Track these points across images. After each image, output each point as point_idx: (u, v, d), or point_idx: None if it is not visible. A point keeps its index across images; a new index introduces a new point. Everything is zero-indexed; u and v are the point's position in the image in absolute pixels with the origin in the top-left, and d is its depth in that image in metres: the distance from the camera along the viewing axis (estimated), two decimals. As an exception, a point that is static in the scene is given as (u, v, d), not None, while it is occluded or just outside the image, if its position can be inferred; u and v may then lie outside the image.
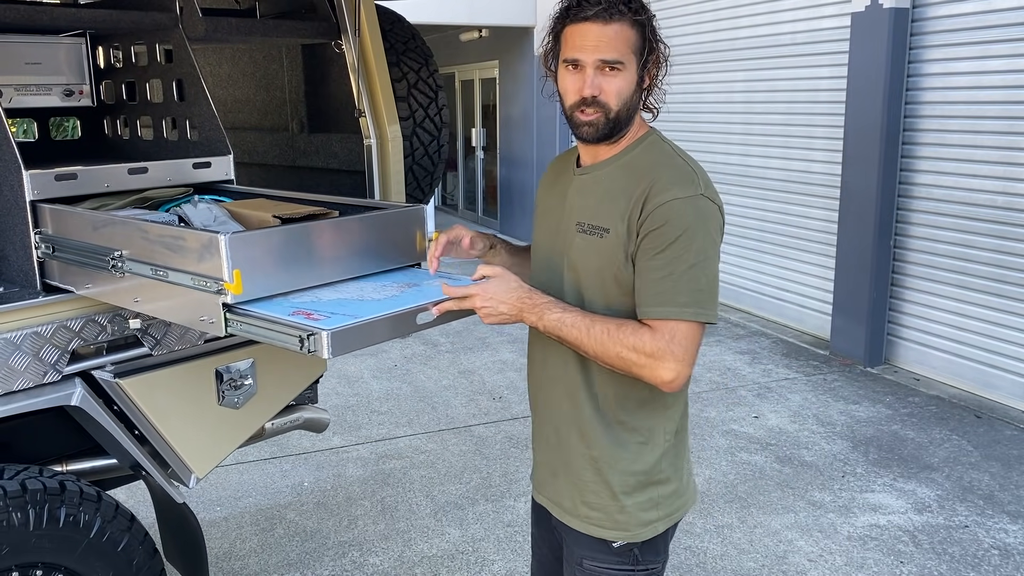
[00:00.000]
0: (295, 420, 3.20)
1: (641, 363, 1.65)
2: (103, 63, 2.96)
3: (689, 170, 1.76)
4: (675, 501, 1.93)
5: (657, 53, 1.78)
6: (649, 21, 1.75)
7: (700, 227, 1.69)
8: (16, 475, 2.22)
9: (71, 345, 2.25)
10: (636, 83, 1.76)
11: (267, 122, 3.45)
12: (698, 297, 1.67)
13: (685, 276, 1.67)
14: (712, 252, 1.71)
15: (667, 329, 1.66)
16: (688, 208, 1.68)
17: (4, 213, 2.27)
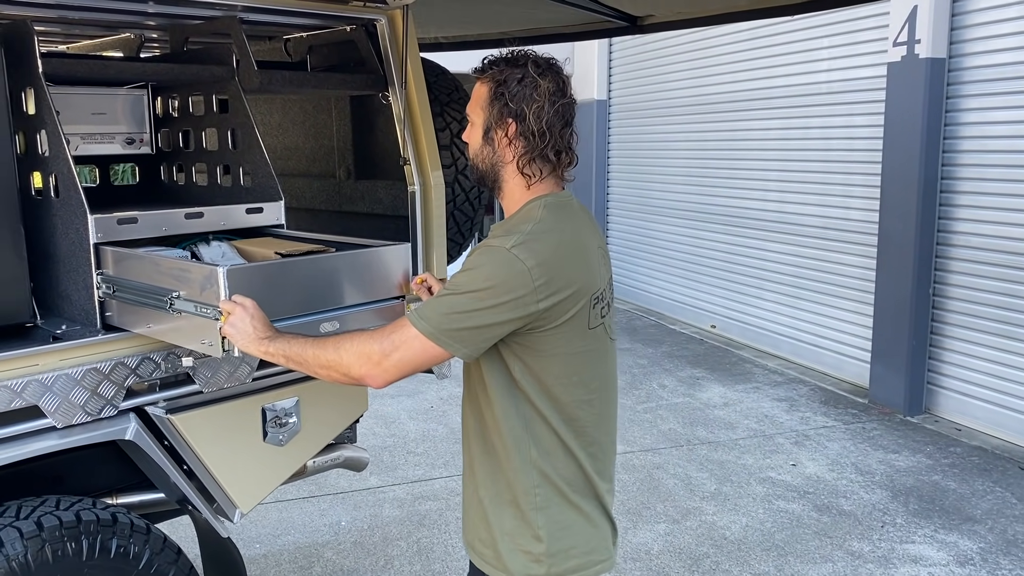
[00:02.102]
0: (336, 459, 3.26)
1: (342, 366, 1.83)
2: (162, 112, 3.11)
3: (518, 231, 1.80)
4: (564, 562, 1.92)
5: (508, 114, 1.84)
6: (503, 80, 1.84)
7: (480, 268, 1.78)
8: (71, 506, 2.31)
9: (127, 381, 2.35)
10: (483, 138, 1.89)
11: (315, 169, 3.57)
12: (439, 318, 1.77)
13: (444, 298, 1.79)
14: (481, 293, 1.74)
15: (395, 327, 1.81)
16: (486, 254, 1.80)
17: (69, 255, 2.39)
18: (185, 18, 2.90)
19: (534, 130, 1.83)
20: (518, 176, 1.90)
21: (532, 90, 1.82)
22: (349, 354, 1.83)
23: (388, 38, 3.00)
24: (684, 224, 9.38)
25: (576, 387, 1.90)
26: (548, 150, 1.85)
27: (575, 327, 1.85)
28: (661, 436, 5.78)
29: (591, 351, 1.90)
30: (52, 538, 2.21)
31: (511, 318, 1.77)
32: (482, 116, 1.88)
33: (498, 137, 1.87)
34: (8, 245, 2.29)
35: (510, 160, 1.89)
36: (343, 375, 1.85)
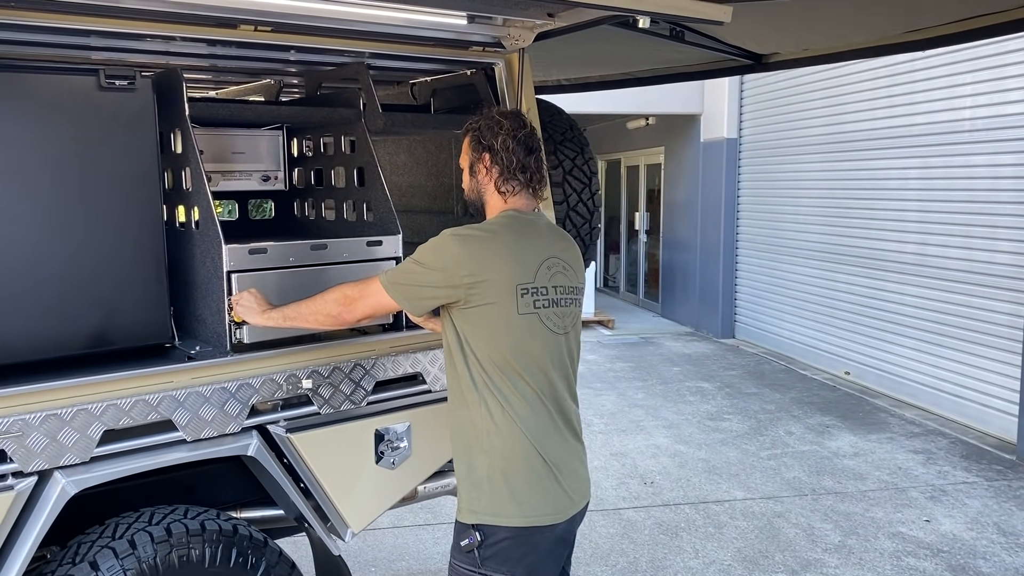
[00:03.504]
0: (446, 486, 3.34)
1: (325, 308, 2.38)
2: (297, 152, 3.33)
3: (470, 227, 2.33)
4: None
5: (481, 151, 2.37)
6: (475, 128, 2.40)
7: (431, 245, 2.30)
8: (197, 516, 2.49)
9: (251, 400, 2.52)
10: (469, 176, 2.44)
11: (436, 206, 3.72)
12: (394, 275, 2.33)
13: (403, 262, 2.38)
14: (423, 262, 2.28)
15: (364, 280, 2.40)
16: (439, 237, 2.30)
17: (206, 281, 2.59)
18: (318, 64, 3.12)
19: (502, 156, 2.33)
20: (496, 195, 2.39)
21: (497, 127, 2.35)
22: (330, 297, 2.38)
23: (505, 80, 3.12)
24: (817, 265, 9.07)
25: (501, 361, 2.27)
26: (516, 171, 2.34)
27: (501, 309, 2.25)
28: (784, 484, 5.57)
29: (518, 332, 2.27)
30: (179, 544, 2.38)
31: (441, 286, 2.25)
32: (466, 159, 2.43)
33: (479, 169, 2.40)
34: (153, 272, 2.52)
35: (489, 183, 2.39)
36: (326, 316, 2.38)
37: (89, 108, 2.37)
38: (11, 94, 2.23)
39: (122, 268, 2.45)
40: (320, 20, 2.60)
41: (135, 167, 2.46)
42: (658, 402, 7.60)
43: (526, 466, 2.29)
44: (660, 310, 12.62)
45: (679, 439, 6.51)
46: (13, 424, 2.12)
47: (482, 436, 2.30)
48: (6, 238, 2.24)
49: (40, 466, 2.18)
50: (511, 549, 2.28)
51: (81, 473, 2.25)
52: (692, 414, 7.21)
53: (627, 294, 14.28)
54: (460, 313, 2.29)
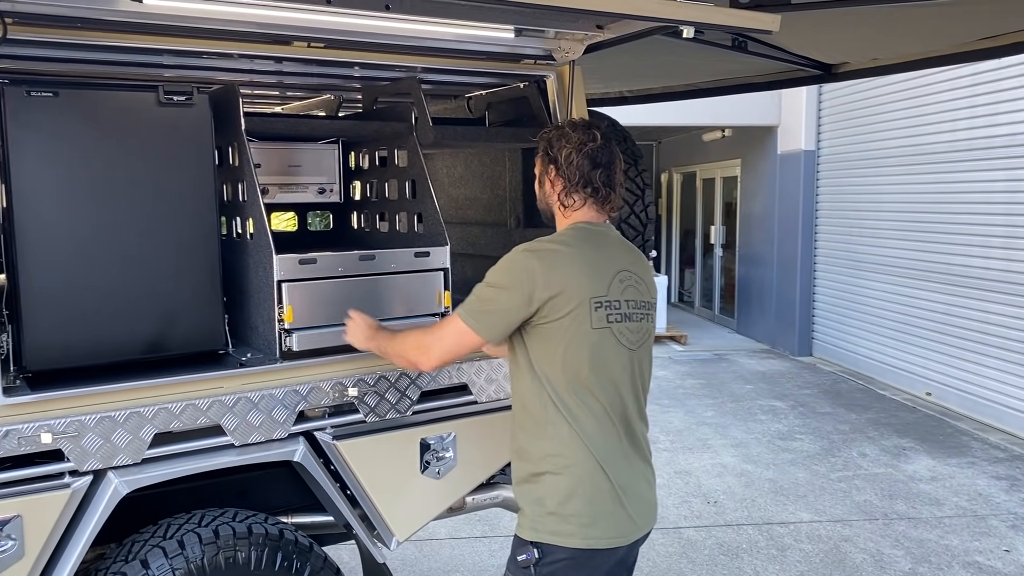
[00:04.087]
0: (495, 498, 3.35)
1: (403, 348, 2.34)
2: (355, 165, 3.41)
3: (541, 241, 2.30)
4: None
5: (548, 163, 2.36)
6: (544, 141, 2.39)
7: (504, 265, 2.28)
8: (245, 519, 2.55)
9: (298, 407, 2.57)
10: (538, 187, 2.43)
11: (490, 218, 3.75)
12: (470, 305, 2.27)
13: (475, 289, 2.30)
14: (495, 282, 2.26)
15: (445, 320, 2.35)
16: (509, 255, 2.29)
17: (258, 290, 2.67)
18: (372, 80, 3.19)
19: (565, 169, 2.31)
20: (562, 208, 2.38)
21: (563, 140, 2.33)
22: (408, 343, 2.36)
23: (556, 93, 3.13)
24: (897, 281, 8.76)
25: (572, 377, 2.24)
26: (578, 185, 2.31)
27: (574, 323, 2.21)
28: (854, 507, 5.38)
29: (591, 347, 2.23)
30: (225, 546, 2.44)
31: (520, 305, 2.21)
32: (537, 170, 2.43)
33: (546, 181, 2.39)
34: (208, 281, 2.60)
35: (553, 196, 2.39)
36: (406, 361, 2.36)
37: (149, 123, 2.47)
38: (76, 110, 2.35)
39: (179, 277, 2.54)
40: (371, 36, 2.65)
41: (193, 180, 2.55)
42: (727, 420, 7.44)
43: (591, 487, 2.24)
44: (735, 326, 12.38)
45: (746, 458, 6.36)
46: (70, 425, 2.22)
47: (548, 455, 2.26)
48: (72, 248, 2.35)
49: (94, 466, 2.27)
50: (568, 570, 2.24)
51: (133, 474, 2.34)
52: (762, 433, 7.03)
53: (702, 309, 14.06)
54: (533, 329, 2.25)
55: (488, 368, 2.90)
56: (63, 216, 2.35)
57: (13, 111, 2.27)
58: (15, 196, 2.29)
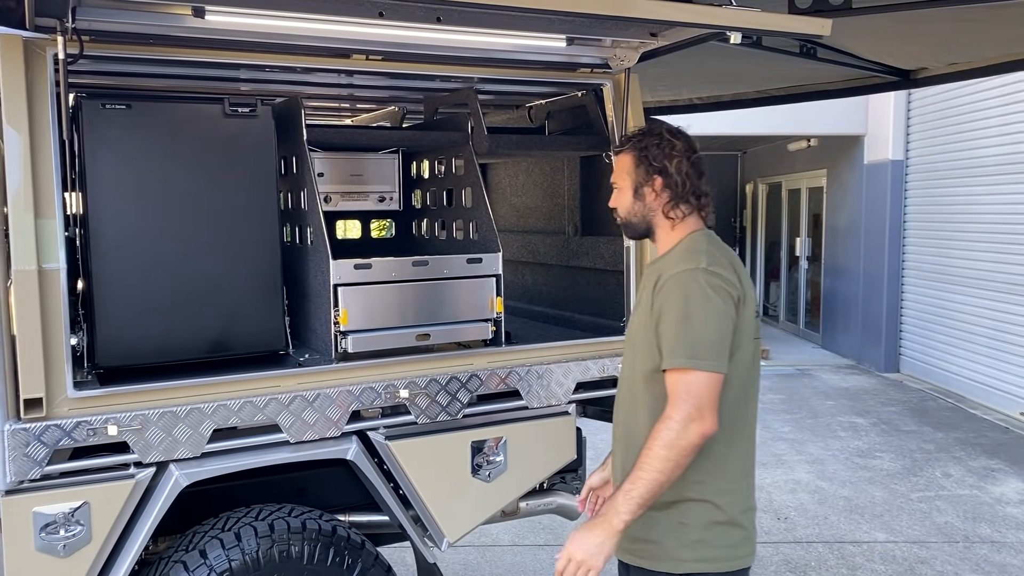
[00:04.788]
0: (548, 504, 3.37)
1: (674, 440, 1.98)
2: (416, 174, 3.49)
3: (698, 253, 2.13)
4: None
5: (653, 172, 2.20)
6: (643, 147, 2.22)
7: (696, 292, 2.05)
8: (300, 515, 2.64)
9: (351, 407, 2.65)
10: (633, 197, 2.24)
11: (550, 226, 3.78)
12: (703, 349, 2.01)
13: (688, 333, 2.03)
14: (710, 311, 2.04)
15: (672, 384, 2.03)
16: (688, 280, 2.07)
17: (316, 294, 2.77)
18: (432, 91, 3.27)
19: (676, 180, 2.19)
20: (665, 220, 2.24)
21: (670, 149, 2.20)
22: (671, 441, 1.98)
23: (612, 101, 3.14)
24: (990, 296, 8.38)
25: (737, 393, 2.13)
26: (688, 195, 2.20)
27: (745, 335, 2.12)
28: (933, 528, 5.16)
29: (752, 359, 2.18)
30: (280, 540, 2.54)
31: (733, 317, 2.07)
32: (629, 180, 2.25)
33: (646, 192, 2.23)
34: (270, 285, 2.72)
35: (657, 208, 2.24)
36: (688, 452, 1.99)
37: (215, 134, 2.61)
38: (148, 122, 2.50)
39: (242, 281, 2.67)
40: (426, 48, 2.73)
41: (256, 188, 2.67)
42: (805, 436, 7.25)
43: (743, 505, 2.17)
44: (820, 341, 12.03)
45: (822, 475, 6.18)
46: (134, 418, 2.35)
47: (706, 480, 2.11)
48: (142, 253, 2.50)
49: (157, 458, 2.39)
50: None
51: (193, 467, 2.45)
52: (840, 450, 6.82)
53: (787, 323, 13.71)
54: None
55: (538, 374, 2.92)
56: (134, 222, 2.50)
57: (90, 123, 2.43)
58: (91, 203, 2.45)
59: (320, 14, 2.39)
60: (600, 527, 2.02)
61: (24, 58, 2.25)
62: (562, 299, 3.66)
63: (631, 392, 2.25)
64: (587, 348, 3.08)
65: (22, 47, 2.25)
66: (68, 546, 2.29)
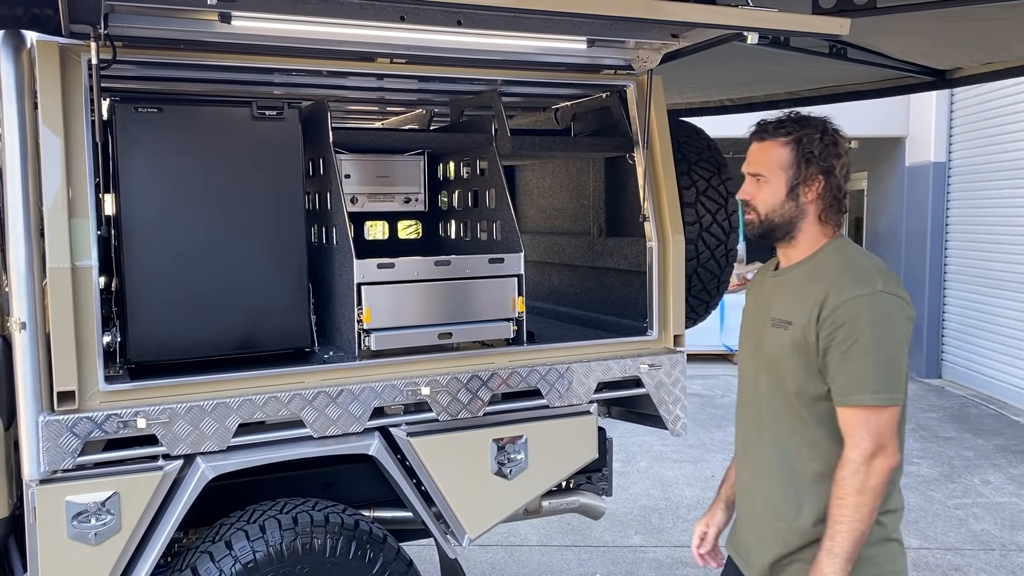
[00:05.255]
0: (571, 503, 3.39)
1: (863, 483, 1.88)
2: (442, 175, 3.54)
3: (868, 271, 1.97)
4: None
5: (814, 173, 2.00)
6: (802, 143, 2.01)
7: (880, 320, 1.90)
8: (323, 509, 2.70)
9: (373, 403, 2.70)
10: (786, 195, 2.04)
11: (576, 227, 3.80)
12: (885, 381, 1.89)
13: (873, 367, 1.89)
14: (894, 340, 1.90)
15: (852, 424, 1.91)
16: (866, 305, 1.90)
17: (341, 293, 2.82)
18: (457, 94, 3.31)
19: (840, 184, 2.03)
20: (816, 225, 2.06)
21: (834, 147, 2.02)
22: (861, 485, 1.89)
23: (636, 102, 3.16)
24: (1035, 301, 8.20)
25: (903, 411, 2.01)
26: (842, 200, 2.05)
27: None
28: (970, 536, 5.07)
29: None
30: (303, 532, 2.59)
31: (910, 340, 1.96)
32: (784, 175, 2.04)
33: (803, 192, 2.03)
34: (296, 284, 2.78)
35: (812, 209, 2.04)
36: (880, 491, 1.91)
37: (243, 136, 2.68)
38: (178, 125, 2.58)
39: (269, 280, 2.73)
40: (449, 51, 2.78)
41: (283, 189, 2.74)
42: (841, 441, 7.15)
43: (900, 522, 2.09)
44: (859, 345, 11.85)
45: (857, 480, 6.10)
46: (162, 412, 2.42)
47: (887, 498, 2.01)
48: (172, 253, 2.57)
49: (184, 450, 2.46)
50: None
51: (219, 460, 2.52)
52: (877, 455, 6.72)
53: (825, 328, 13.53)
54: None
55: (559, 373, 2.94)
56: (165, 223, 2.57)
57: (123, 125, 2.51)
58: (123, 204, 2.53)
59: (342, 18, 2.44)
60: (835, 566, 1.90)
61: (60, 63, 2.34)
62: (588, 300, 3.68)
63: (771, 413, 2.10)
64: (609, 348, 3.09)
65: (58, 53, 2.34)
66: (99, 534, 2.37)
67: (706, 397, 8.80)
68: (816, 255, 2.06)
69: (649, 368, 3.08)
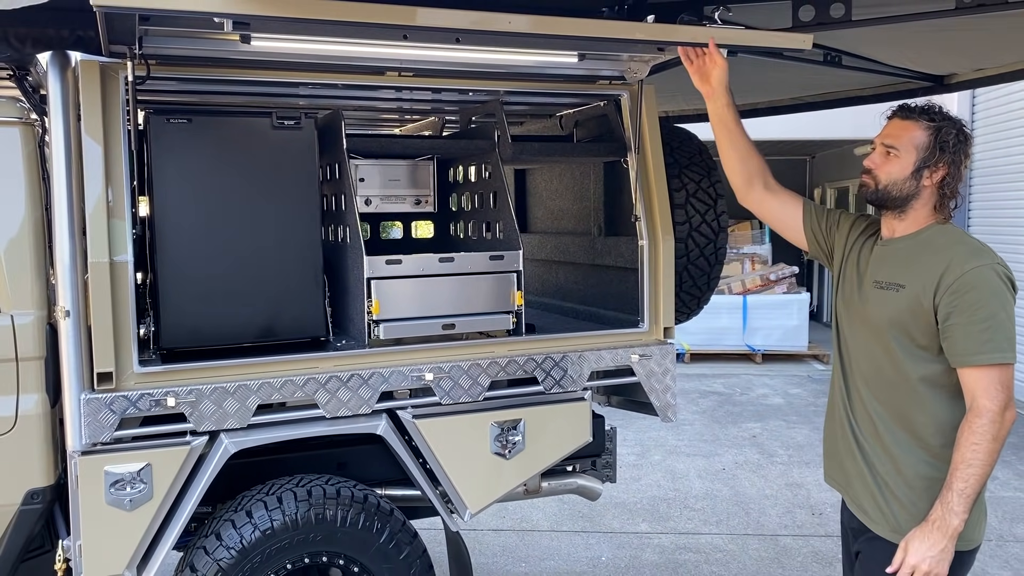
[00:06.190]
0: (569, 484, 3.63)
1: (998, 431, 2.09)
2: (451, 179, 3.79)
3: (981, 247, 2.22)
4: None
5: (943, 162, 2.21)
6: (941, 131, 2.22)
7: (1000, 288, 2.14)
8: (336, 484, 2.96)
9: (381, 387, 2.95)
10: (911, 173, 2.24)
11: (579, 228, 4.03)
12: (1005, 342, 2.12)
13: (998, 329, 2.12)
14: (1010, 307, 2.15)
15: (985, 380, 2.11)
16: (988, 274, 2.14)
17: (353, 287, 3.08)
18: (462, 103, 3.56)
19: (960, 178, 2.25)
20: (927, 207, 2.28)
21: (966, 147, 2.26)
22: (996, 433, 2.09)
23: (629, 111, 3.38)
24: (1053, 301, 8.23)
25: None
26: (958, 195, 2.28)
27: None
28: (971, 528, 5.20)
29: None
30: (316, 504, 2.85)
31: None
32: (915, 155, 2.24)
33: (926, 175, 2.24)
34: (312, 278, 3.04)
35: (927, 196, 2.27)
36: (1004, 440, 2.12)
37: (265, 144, 2.94)
38: (206, 134, 2.85)
39: (288, 276, 3.00)
40: (453, 65, 3.02)
41: (300, 192, 3.00)
42: (854, 438, 7.28)
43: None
44: (883, 346, 11.88)
45: (865, 475, 6.24)
46: (190, 392, 2.69)
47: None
48: (201, 250, 2.85)
49: (209, 427, 2.73)
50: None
51: (240, 436, 2.79)
52: (888, 452, 6.84)
53: (851, 329, 13.55)
54: None
55: (554, 361, 3.17)
56: (194, 223, 2.85)
57: (156, 135, 2.79)
58: (157, 206, 2.82)
59: (351, 38, 2.69)
60: (938, 531, 2.10)
61: (100, 80, 2.63)
62: (590, 296, 3.91)
63: (878, 374, 2.32)
64: (602, 339, 3.32)
65: (99, 71, 2.63)
66: (134, 501, 2.65)
67: (725, 395, 8.95)
68: (923, 232, 2.28)
69: (640, 358, 3.29)
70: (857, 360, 2.41)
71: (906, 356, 2.26)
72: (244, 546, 2.75)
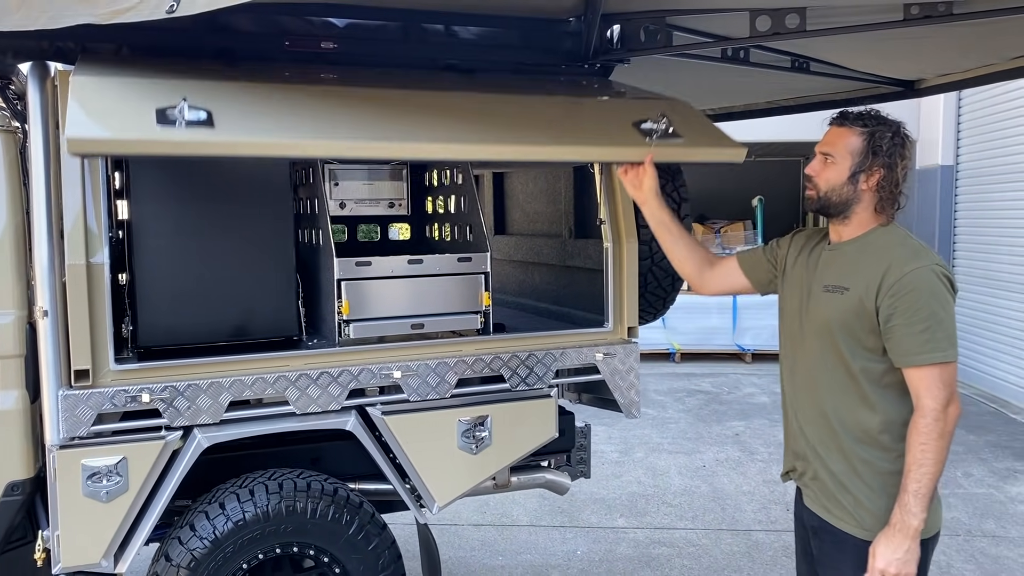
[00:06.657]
0: (537, 479, 3.74)
1: (943, 428, 2.18)
2: (428, 183, 3.90)
3: (921, 248, 2.30)
4: None
5: (877, 165, 2.28)
6: (875, 136, 2.28)
7: (939, 288, 2.21)
8: (307, 477, 3.06)
9: (350, 385, 3.06)
10: (848, 178, 2.31)
11: (552, 230, 4.14)
12: (946, 340, 2.20)
13: (938, 328, 2.20)
14: (950, 306, 2.24)
15: (927, 379, 2.19)
16: (927, 275, 2.22)
17: (324, 288, 3.19)
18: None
19: (897, 180, 2.32)
20: (869, 211, 2.35)
21: (903, 149, 2.32)
22: (943, 430, 2.19)
23: (594, 117, 3.48)
24: (1036, 301, 8.34)
25: None
26: (899, 197, 2.35)
27: None
28: (942, 524, 5.30)
29: None
30: (287, 497, 2.96)
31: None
32: (850, 160, 2.32)
33: (863, 180, 2.32)
34: (285, 280, 3.15)
35: (867, 200, 2.34)
36: (951, 436, 2.21)
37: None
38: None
39: (262, 277, 3.10)
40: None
41: (273, 197, 3.11)
42: (836, 436, 7.38)
43: None
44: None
45: (843, 472, 6.34)
46: (165, 389, 2.80)
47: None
48: (176, 253, 2.96)
49: (183, 423, 2.84)
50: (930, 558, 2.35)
51: (213, 431, 2.90)
52: (868, 450, 6.94)
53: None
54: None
55: (520, 359, 3.28)
56: (170, 227, 2.96)
57: (133, 142, 2.90)
58: (134, 210, 2.93)
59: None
60: (900, 533, 2.19)
61: (78, 90, 2.73)
62: (562, 296, 4.02)
63: (827, 376, 2.40)
64: (568, 339, 3.42)
65: (77, 81, 2.74)
66: (110, 493, 2.76)
67: (712, 394, 9.05)
68: (867, 235, 2.36)
69: (604, 356, 3.40)
70: (805, 363, 2.49)
71: (853, 357, 2.34)
72: (217, 537, 2.86)
